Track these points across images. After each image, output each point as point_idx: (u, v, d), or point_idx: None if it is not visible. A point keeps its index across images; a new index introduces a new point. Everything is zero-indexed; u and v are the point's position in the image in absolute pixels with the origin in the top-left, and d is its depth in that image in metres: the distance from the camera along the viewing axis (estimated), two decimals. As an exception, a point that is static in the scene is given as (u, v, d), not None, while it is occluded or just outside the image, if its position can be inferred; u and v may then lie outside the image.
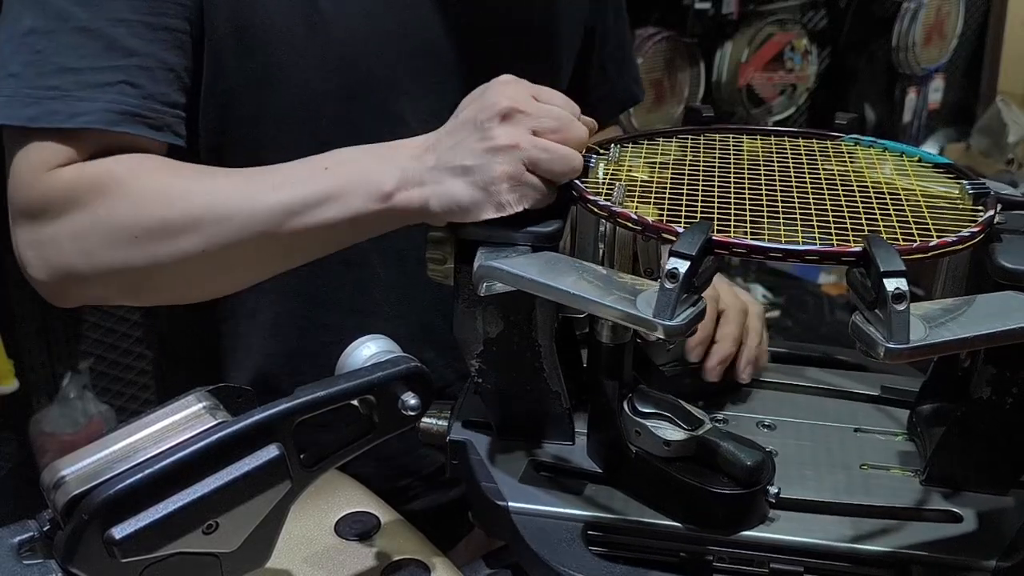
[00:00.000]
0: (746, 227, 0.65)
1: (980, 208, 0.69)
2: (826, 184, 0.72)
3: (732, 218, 0.66)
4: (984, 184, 0.71)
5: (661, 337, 0.59)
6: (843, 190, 0.71)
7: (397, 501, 0.83)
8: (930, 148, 3.03)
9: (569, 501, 0.71)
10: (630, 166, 0.75)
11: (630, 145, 0.78)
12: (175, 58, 0.79)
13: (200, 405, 0.59)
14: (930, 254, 0.62)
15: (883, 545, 0.67)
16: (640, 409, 0.71)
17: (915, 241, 0.63)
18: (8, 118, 0.75)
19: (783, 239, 0.63)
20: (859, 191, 0.71)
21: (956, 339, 0.58)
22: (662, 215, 0.66)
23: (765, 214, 0.67)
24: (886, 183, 0.73)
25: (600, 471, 0.74)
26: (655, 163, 0.76)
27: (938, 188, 0.73)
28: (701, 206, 0.68)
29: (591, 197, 0.68)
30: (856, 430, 0.79)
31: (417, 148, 0.73)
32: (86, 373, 1.88)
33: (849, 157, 0.78)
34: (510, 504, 0.71)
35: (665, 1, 2.23)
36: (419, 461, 1.00)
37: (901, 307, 0.56)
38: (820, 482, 0.72)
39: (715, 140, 0.80)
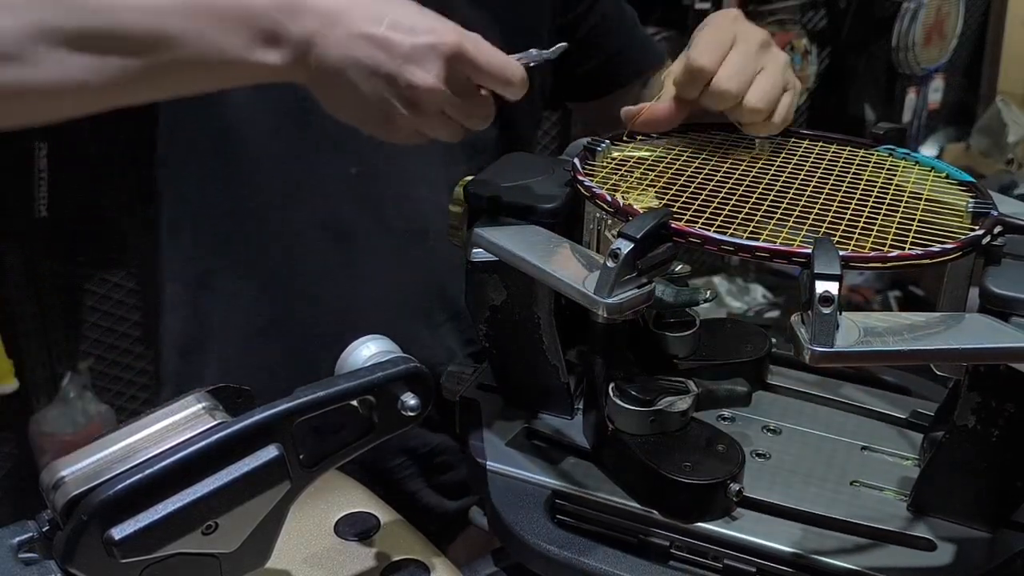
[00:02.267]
0: (735, 224, 0.65)
1: (975, 227, 0.68)
2: (829, 188, 0.72)
3: (725, 214, 0.67)
4: (990, 205, 0.69)
5: (602, 314, 0.60)
6: (843, 195, 0.71)
7: (390, 482, 0.84)
8: (930, 148, 3.03)
9: (544, 469, 0.74)
10: (640, 156, 0.77)
11: (647, 138, 0.80)
12: None
13: (200, 405, 0.59)
14: (888, 264, 0.62)
15: (842, 560, 0.65)
16: (622, 388, 0.72)
17: (883, 251, 0.63)
18: None
19: (777, 240, 0.63)
20: (860, 198, 0.71)
21: (886, 351, 0.57)
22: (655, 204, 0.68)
23: (760, 214, 0.67)
24: (893, 194, 0.72)
25: (587, 447, 0.75)
26: (667, 157, 0.77)
27: (945, 203, 0.71)
28: (700, 201, 0.69)
29: (580, 177, 0.71)
30: (863, 448, 0.77)
31: None
32: (86, 373, 1.88)
33: (874, 166, 0.77)
34: (488, 463, 0.74)
35: (665, 1, 2.23)
36: (412, 440, 1.01)
37: (827, 310, 0.56)
38: (802, 490, 0.71)
39: (744, 140, 0.80)
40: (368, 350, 0.65)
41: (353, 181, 0.94)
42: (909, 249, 0.63)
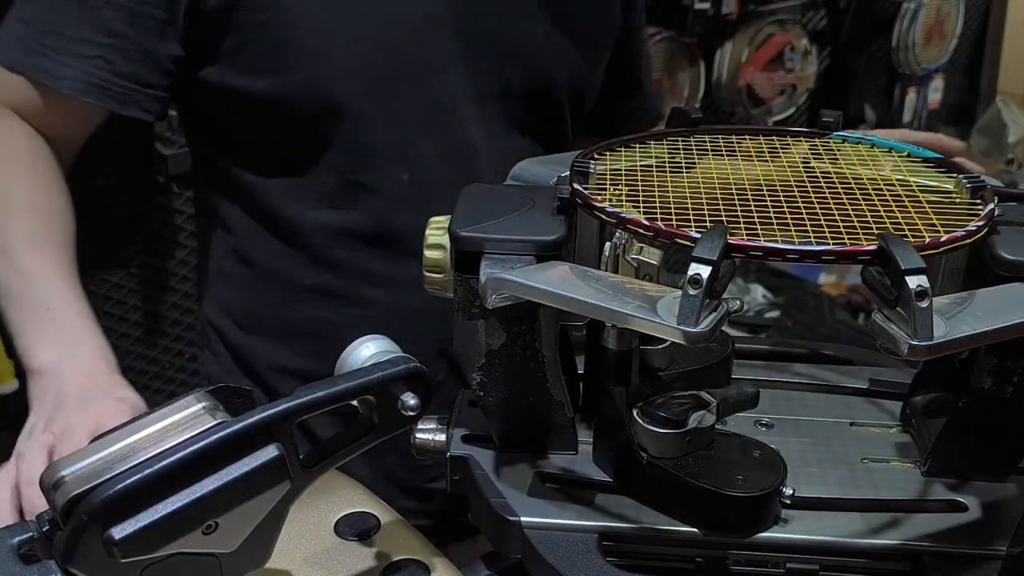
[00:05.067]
0: (756, 229, 0.64)
1: (978, 201, 0.70)
2: (824, 183, 0.72)
3: (741, 220, 0.66)
4: (979, 178, 0.72)
5: (687, 344, 0.57)
6: (843, 188, 0.71)
7: (398, 477, 0.87)
8: (930, 148, 3.03)
9: (582, 512, 0.70)
10: (626, 170, 0.75)
11: (622, 149, 0.78)
12: (154, 43, 0.91)
13: (200, 405, 0.59)
14: (942, 250, 0.62)
15: (894, 538, 0.67)
16: (650, 412, 0.70)
17: (924, 238, 0.63)
18: (8, 59, 0.91)
19: (795, 240, 0.63)
20: (858, 189, 0.71)
21: (976, 333, 0.58)
22: (670, 219, 0.66)
23: (772, 215, 0.66)
24: (882, 180, 0.73)
25: (609, 479, 0.72)
26: (651, 167, 0.75)
27: (933, 183, 0.73)
28: (707, 210, 0.67)
29: (599, 204, 0.67)
30: (852, 424, 0.79)
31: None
32: (86, 373, 1.88)
33: (841, 155, 0.78)
34: (522, 519, 0.69)
35: (665, 1, 2.23)
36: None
37: (924, 304, 0.56)
38: (826, 479, 0.72)
39: (705, 141, 0.80)
40: (368, 350, 0.65)
41: (405, 188, 0.97)
42: (953, 233, 0.64)
